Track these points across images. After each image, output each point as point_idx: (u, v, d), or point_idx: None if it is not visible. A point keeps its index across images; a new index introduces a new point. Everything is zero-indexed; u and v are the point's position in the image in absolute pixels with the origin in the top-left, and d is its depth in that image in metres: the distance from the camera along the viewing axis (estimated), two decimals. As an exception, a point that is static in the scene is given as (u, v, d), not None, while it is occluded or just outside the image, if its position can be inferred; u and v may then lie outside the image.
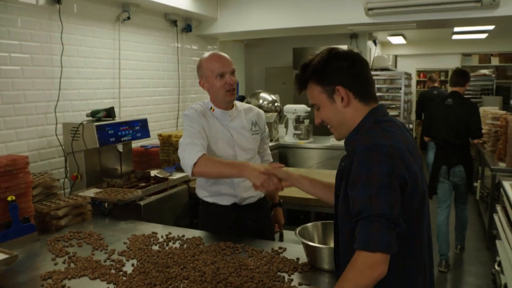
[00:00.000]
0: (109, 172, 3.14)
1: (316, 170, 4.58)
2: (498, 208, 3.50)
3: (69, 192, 2.96)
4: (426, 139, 4.63)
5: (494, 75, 9.13)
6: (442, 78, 11.42)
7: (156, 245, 2.15)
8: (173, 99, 4.46)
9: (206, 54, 2.27)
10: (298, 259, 1.93)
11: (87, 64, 3.40)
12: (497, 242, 3.58)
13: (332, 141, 5.17)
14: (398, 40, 8.63)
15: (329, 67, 1.42)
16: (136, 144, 3.69)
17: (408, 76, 6.69)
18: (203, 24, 4.77)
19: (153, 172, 3.31)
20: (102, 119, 3.06)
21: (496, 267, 3.54)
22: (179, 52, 4.49)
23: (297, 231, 1.96)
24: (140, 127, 3.23)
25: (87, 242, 2.19)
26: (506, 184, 3.37)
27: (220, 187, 2.30)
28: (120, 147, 3.08)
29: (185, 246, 2.12)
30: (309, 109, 5.45)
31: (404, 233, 1.27)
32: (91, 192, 2.76)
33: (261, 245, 2.11)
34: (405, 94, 5.47)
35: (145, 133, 3.28)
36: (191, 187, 3.34)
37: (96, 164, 3.07)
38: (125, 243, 2.17)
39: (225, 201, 2.30)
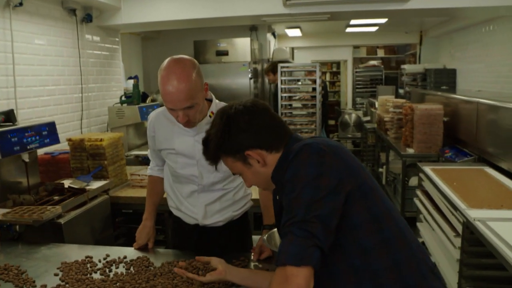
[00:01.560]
0: (13, 187, 2.64)
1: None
2: (418, 192, 3.66)
3: (-36, 216, 2.41)
4: None
5: (382, 66, 9.79)
6: (334, 69, 12.00)
7: (96, 272, 1.80)
8: (75, 98, 3.95)
9: (161, 70, 1.68)
10: (267, 270, 1.74)
11: (-28, 59, 2.82)
12: (419, 224, 3.76)
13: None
14: (294, 32, 8.78)
15: (229, 136, 1.30)
16: (39, 151, 3.17)
17: (322, 67, 6.85)
18: (105, 14, 4.29)
19: (66, 183, 2.86)
20: (1, 124, 2.56)
21: (419, 249, 3.71)
22: (80, 45, 3.97)
23: (265, 238, 1.78)
24: (48, 132, 2.77)
25: (6, 279, 1.75)
26: (426, 168, 3.53)
27: (183, 202, 2.00)
28: (26, 156, 2.61)
29: (132, 269, 1.81)
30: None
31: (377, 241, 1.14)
32: (-5, 214, 2.27)
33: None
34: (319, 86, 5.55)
35: (54, 139, 2.83)
36: (112, 197, 2.97)
37: (-5, 179, 2.55)
38: (56, 274, 1.78)
39: (187, 219, 2.01)
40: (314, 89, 5.64)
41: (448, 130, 4.79)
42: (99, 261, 1.90)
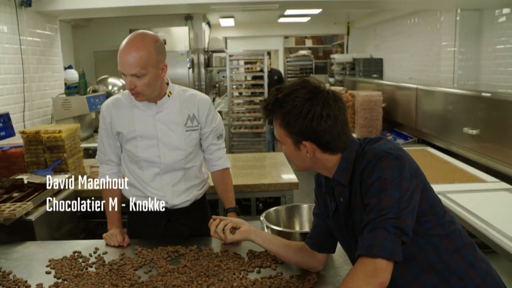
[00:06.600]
0: (-33, 185, 2.42)
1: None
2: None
3: None
4: None
5: (312, 56, 10.11)
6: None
7: (91, 266, 1.73)
8: (17, 88, 3.67)
9: (126, 39, 1.80)
10: (266, 251, 1.79)
11: None
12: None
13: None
14: (228, 22, 8.78)
15: (302, 118, 1.25)
16: (-14, 146, 2.93)
17: (269, 55, 6.91)
18: (44, -2, 4.01)
19: (24, 178, 2.68)
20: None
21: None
22: (20, 32, 3.69)
23: (263, 217, 1.83)
24: (3, 125, 2.58)
25: (-6, 281, 1.63)
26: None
27: (147, 187, 1.99)
28: (-20, 151, 2.40)
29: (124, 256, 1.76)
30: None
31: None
32: (-42, 215, 2.07)
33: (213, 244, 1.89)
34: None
35: (9, 131, 2.68)
36: (77, 191, 2.82)
37: None
38: (48, 272, 1.69)
39: (154, 204, 2.00)
40: (261, 77, 5.71)
41: (386, 114, 5.11)
42: (90, 255, 1.83)
